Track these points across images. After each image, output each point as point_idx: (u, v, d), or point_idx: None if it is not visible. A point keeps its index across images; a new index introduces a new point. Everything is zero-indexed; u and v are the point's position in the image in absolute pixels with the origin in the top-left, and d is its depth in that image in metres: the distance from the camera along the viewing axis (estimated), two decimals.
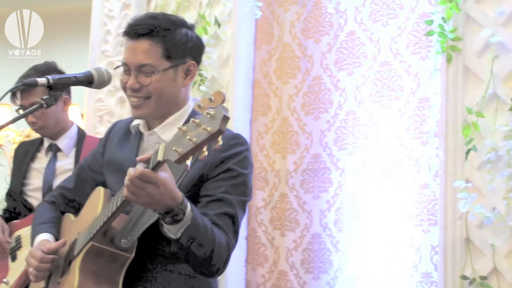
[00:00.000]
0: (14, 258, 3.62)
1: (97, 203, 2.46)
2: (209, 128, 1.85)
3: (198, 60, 2.54)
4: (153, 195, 2.09)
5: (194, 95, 4.13)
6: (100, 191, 2.50)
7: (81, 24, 5.94)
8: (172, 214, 2.15)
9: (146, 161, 2.09)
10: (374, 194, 3.77)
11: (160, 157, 2.00)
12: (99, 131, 4.73)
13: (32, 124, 3.76)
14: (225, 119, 1.85)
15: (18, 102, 3.73)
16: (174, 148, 1.91)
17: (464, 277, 3.27)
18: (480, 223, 3.28)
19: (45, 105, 2.36)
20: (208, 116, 1.86)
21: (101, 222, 2.31)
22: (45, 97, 2.37)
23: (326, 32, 4.06)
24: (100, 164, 2.67)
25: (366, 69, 3.87)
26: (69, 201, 2.76)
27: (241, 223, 2.43)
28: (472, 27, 3.40)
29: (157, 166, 2.05)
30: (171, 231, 2.20)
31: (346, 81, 3.95)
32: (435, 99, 3.51)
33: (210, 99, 3.42)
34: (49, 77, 2.39)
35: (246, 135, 4.23)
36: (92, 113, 4.85)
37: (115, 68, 2.55)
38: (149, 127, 2.54)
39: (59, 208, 2.75)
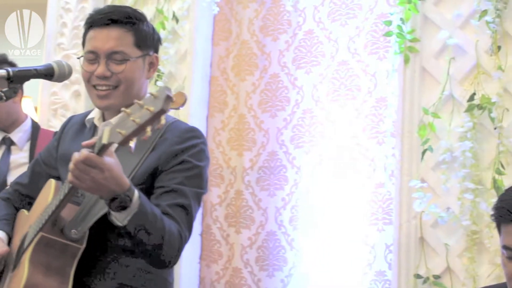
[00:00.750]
0: None
1: (47, 195, 2.42)
2: (151, 108, 1.83)
3: (157, 54, 2.54)
4: (97, 180, 2.07)
5: (151, 90, 4.11)
6: (51, 183, 2.46)
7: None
8: (119, 201, 2.12)
9: (92, 146, 2.07)
10: (329, 193, 3.78)
11: (105, 140, 1.97)
12: (53, 124, 4.68)
13: None
14: (168, 98, 1.83)
15: None
16: (118, 130, 1.90)
17: (417, 276, 3.31)
18: (435, 223, 3.32)
19: (4, 98, 2.33)
20: (152, 96, 1.85)
21: (50, 212, 2.27)
22: (4, 89, 2.33)
23: (284, 30, 4.07)
24: (54, 158, 2.63)
25: (324, 68, 3.89)
26: (24, 196, 2.70)
27: (196, 215, 2.39)
28: (430, 28, 3.44)
29: (102, 149, 2.03)
30: (118, 218, 2.17)
31: (303, 80, 3.96)
32: (392, 99, 3.54)
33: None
34: (9, 69, 2.36)
35: (202, 131, 4.18)
36: (46, 106, 4.80)
37: (78, 58, 2.51)
38: (104, 119, 2.52)
39: (14, 204, 2.70)
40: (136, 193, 2.16)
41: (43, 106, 4.81)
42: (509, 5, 3.22)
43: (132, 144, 1.91)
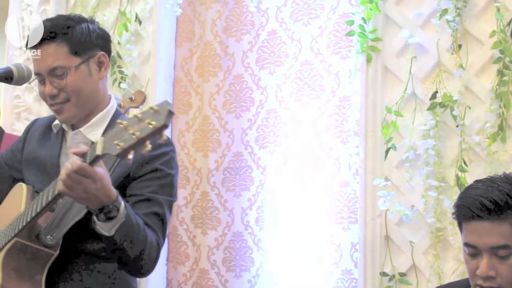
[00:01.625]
0: None
1: (19, 199, 2.41)
2: (153, 123, 1.83)
3: (107, 50, 2.50)
4: (89, 190, 2.07)
5: (115, 93, 4.10)
6: (22, 187, 2.45)
7: None
8: (106, 211, 2.13)
9: (82, 155, 2.06)
10: (295, 192, 3.80)
11: (99, 151, 1.97)
12: (16, 128, 4.65)
13: None
14: (170, 114, 1.83)
15: None
16: (116, 142, 1.90)
17: (383, 274, 3.33)
18: (399, 221, 3.34)
19: None
20: (152, 110, 1.85)
21: (28, 217, 2.26)
22: None
23: (247, 31, 4.07)
24: (18, 160, 2.62)
25: (287, 68, 3.90)
26: None
27: (169, 223, 2.42)
28: (391, 28, 3.47)
29: (95, 160, 2.03)
30: (104, 228, 2.17)
31: (267, 80, 3.97)
32: (355, 98, 3.56)
33: (130, 99, 3.41)
34: None
35: (167, 133, 4.19)
36: (9, 110, 4.76)
37: (29, 83, 2.51)
38: (73, 126, 2.51)
39: None
40: (123, 203, 2.17)
41: (6, 109, 4.78)
42: (469, 4, 3.25)
43: (130, 156, 1.90)
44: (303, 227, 3.75)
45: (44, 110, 4.53)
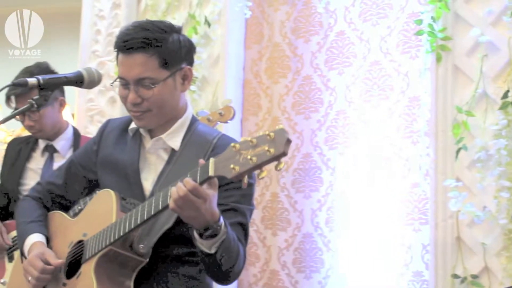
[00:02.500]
0: (11, 259, 3.61)
1: (109, 208, 2.41)
2: (272, 150, 1.86)
3: (192, 63, 2.51)
4: (199, 210, 2.09)
5: (185, 94, 4.13)
6: (110, 195, 2.44)
7: (72, 25, 5.92)
8: (212, 231, 2.15)
9: (192, 174, 2.09)
10: (364, 193, 3.77)
11: (211, 173, 2.01)
12: (90, 131, 4.72)
13: (29, 128, 3.70)
14: (288, 142, 1.86)
15: (13, 105, 3.69)
16: (231, 166, 1.93)
17: (455, 276, 3.29)
18: (471, 222, 3.29)
19: (35, 105, 2.35)
20: (268, 137, 1.87)
21: (125, 228, 2.28)
22: (35, 97, 2.36)
23: (316, 32, 4.07)
24: (93, 162, 2.62)
25: (356, 69, 3.88)
26: (57, 197, 2.71)
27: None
28: (461, 26, 3.42)
29: (206, 180, 2.07)
30: (205, 245, 2.19)
31: (336, 81, 3.96)
32: (425, 98, 3.53)
33: (220, 114, 3.45)
34: (39, 77, 2.38)
35: (236, 134, 4.23)
36: (83, 113, 4.84)
37: (111, 84, 2.52)
38: (150, 131, 2.52)
39: (46, 205, 2.71)
40: (222, 220, 2.18)
41: (80, 112, 4.86)
42: None
43: (246, 180, 1.94)
44: (373, 228, 3.72)
45: (116, 113, 4.59)
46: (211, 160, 2.02)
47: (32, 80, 2.37)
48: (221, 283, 2.39)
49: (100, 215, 2.45)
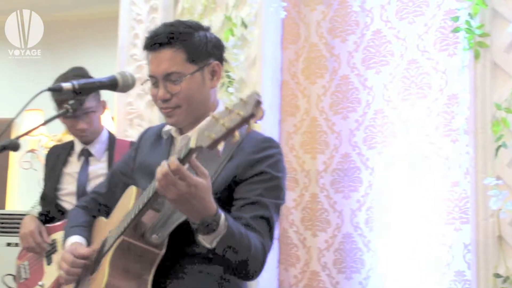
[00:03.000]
0: (49, 262, 3.65)
1: (128, 201, 2.46)
2: (241, 113, 1.85)
3: (221, 60, 2.52)
4: (183, 194, 2.07)
5: (222, 97, 4.15)
6: (132, 190, 2.49)
7: (109, 29, 5.98)
8: (205, 225, 2.14)
9: (178, 152, 2.07)
10: (404, 193, 3.75)
11: (192, 145, 1.98)
12: (129, 134, 4.76)
13: (81, 131, 3.72)
14: (258, 103, 1.84)
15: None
16: (206, 134, 1.92)
17: (497, 275, 3.24)
18: None
19: (70, 110, 2.38)
20: (242, 101, 1.87)
21: (132, 215, 2.31)
22: (71, 102, 2.38)
23: (352, 31, 4.05)
24: (131, 168, 2.68)
25: (394, 67, 3.85)
26: (101, 206, 2.76)
27: (276, 225, 2.41)
28: (499, 22, 3.37)
29: (189, 154, 2.03)
30: (206, 240, 2.19)
31: (373, 80, 3.94)
32: (464, 96, 3.49)
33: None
34: (74, 82, 2.40)
35: (275, 135, 4.23)
36: (122, 116, 4.88)
37: (142, 84, 2.56)
38: (181, 131, 2.55)
39: (91, 213, 2.76)
40: (223, 215, 2.17)
41: (119, 116, 4.90)
42: None
43: (220, 147, 1.92)
44: (413, 228, 3.69)
45: (156, 117, 4.63)
46: (193, 133, 1.98)
47: (67, 85, 2.39)
48: (242, 279, 2.38)
49: (121, 210, 2.49)
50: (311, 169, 4.15)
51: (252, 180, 2.36)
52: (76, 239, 2.63)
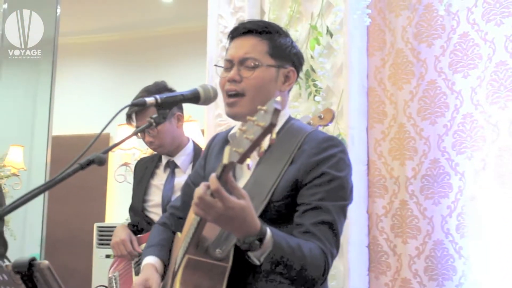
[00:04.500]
0: (137, 273, 3.72)
1: (191, 215, 2.45)
2: (262, 123, 1.83)
3: (298, 69, 2.53)
4: (221, 215, 2.04)
5: (309, 106, 4.16)
6: None
7: (197, 43, 6.06)
8: (248, 242, 2.12)
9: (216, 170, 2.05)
10: (495, 198, 3.67)
11: (225, 161, 1.95)
12: None
13: (149, 144, 3.85)
14: (276, 112, 1.82)
15: (134, 124, 3.83)
16: (234, 149, 1.90)
17: None
18: None
19: (154, 124, 2.43)
20: (262, 111, 1.86)
21: (190, 234, 2.29)
22: (154, 115, 2.43)
23: (438, 35, 4.00)
24: (202, 177, 2.66)
25: (482, 70, 3.79)
26: (179, 219, 2.75)
27: (342, 228, 2.36)
28: None
29: (224, 170, 1.99)
30: (254, 256, 2.18)
31: (461, 84, 3.88)
32: None
33: (319, 117, 3.43)
34: (157, 96, 2.45)
35: (363, 143, 4.21)
36: (212, 128, 4.92)
37: (215, 65, 2.57)
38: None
39: (171, 228, 2.75)
40: (269, 232, 2.14)
41: (209, 128, 4.94)
42: None
43: (249, 161, 1.90)
44: (506, 233, 3.62)
45: None
46: (226, 148, 1.95)
47: (150, 100, 2.44)
48: (304, 286, 2.30)
49: (188, 226, 2.46)
50: (400, 175, 4.11)
51: (313, 183, 2.33)
52: (149, 260, 2.62)
